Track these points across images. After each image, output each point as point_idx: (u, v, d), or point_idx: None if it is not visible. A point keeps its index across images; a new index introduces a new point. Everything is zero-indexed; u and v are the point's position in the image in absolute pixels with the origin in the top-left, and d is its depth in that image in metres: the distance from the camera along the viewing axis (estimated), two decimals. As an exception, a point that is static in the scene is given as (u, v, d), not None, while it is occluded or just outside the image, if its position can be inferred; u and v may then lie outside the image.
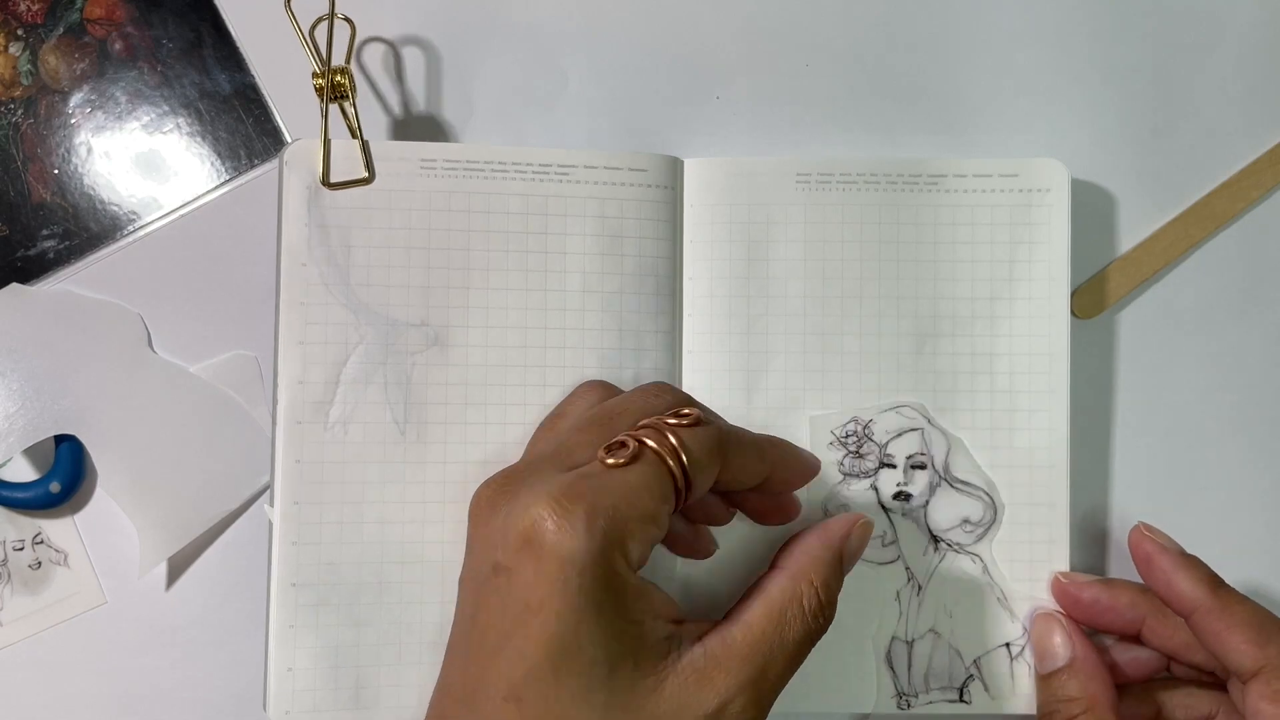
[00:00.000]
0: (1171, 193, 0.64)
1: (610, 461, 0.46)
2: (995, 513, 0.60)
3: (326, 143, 0.58)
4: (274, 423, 0.58)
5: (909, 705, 0.60)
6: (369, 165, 0.58)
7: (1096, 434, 0.63)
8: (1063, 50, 0.64)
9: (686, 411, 0.49)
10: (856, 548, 0.54)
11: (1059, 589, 0.60)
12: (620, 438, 0.48)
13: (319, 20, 0.58)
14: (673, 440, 0.47)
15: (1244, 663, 0.52)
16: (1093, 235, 0.64)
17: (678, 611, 0.48)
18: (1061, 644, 0.58)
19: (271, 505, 0.58)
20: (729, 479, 0.50)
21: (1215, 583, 0.55)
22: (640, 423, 0.49)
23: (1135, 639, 0.59)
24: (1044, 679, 0.59)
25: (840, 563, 0.53)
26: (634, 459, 0.46)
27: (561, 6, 0.64)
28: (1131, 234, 0.64)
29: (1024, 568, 0.60)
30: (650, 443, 0.47)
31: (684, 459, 0.47)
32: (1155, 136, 0.64)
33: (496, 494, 0.47)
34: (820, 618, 0.50)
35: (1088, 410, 0.63)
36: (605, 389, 0.57)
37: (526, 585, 0.44)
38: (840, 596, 0.54)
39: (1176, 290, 0.64)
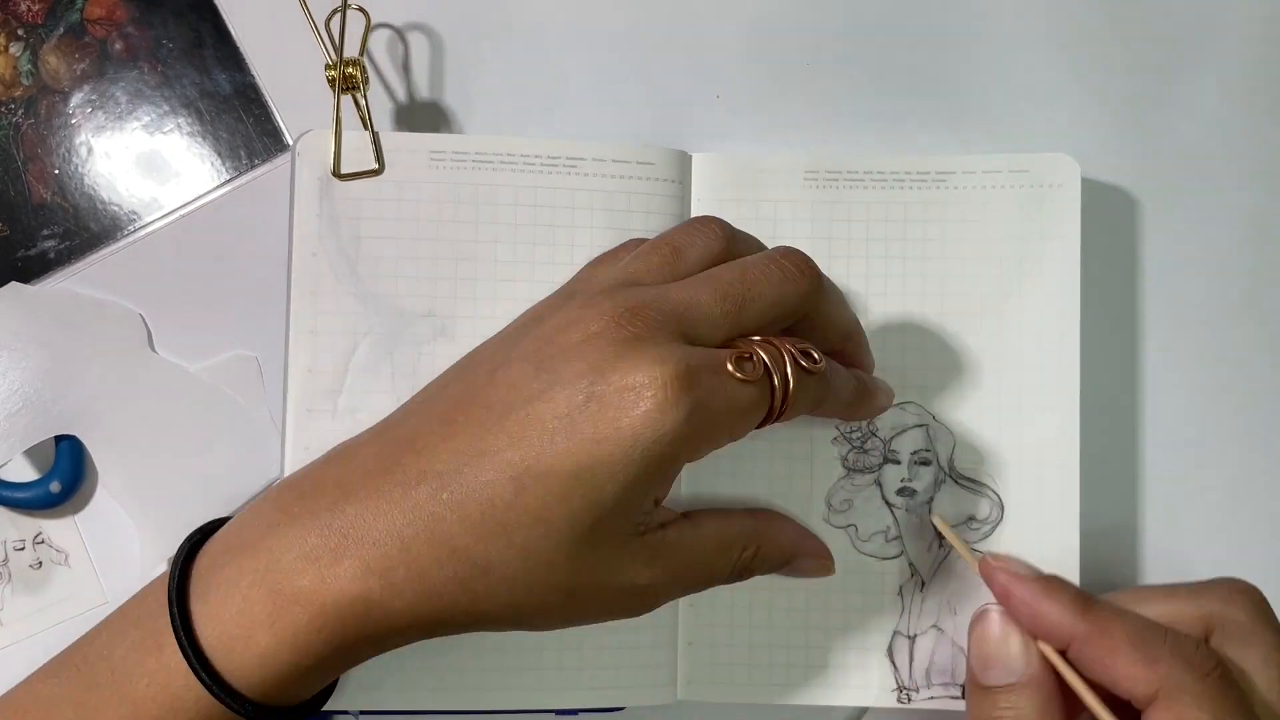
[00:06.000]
0: (1180, 188, 0.65)
1: (736, 376, 0.48)
2: (1002, 511, 0.61)
3: (338, 134, 0.59)
4: (284, 409, 0.59)
5: (909, 700, 0.61)
6: (379, 157, 0.60)
7: (1105, 432, 0.64)
8: (1068, 47, 0.65)
9: (817, 358, 0.51)
10: (802, 568, 0.59)
11: (990, 574, 0.55)
12: (750, 352, 0.50)
13: (334, 12, 0.59)
14: (792, 383, 0.50)
15: (1136, 689, 0.49)
16: (1102, 231, 0.64)
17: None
18: (1019, 655, 0.53)
19: None
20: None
21: (1085, 604, 0.52)
22: (772, 339, 0.51)
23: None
24: (986, 691, 0.54)
25: (781, 564, 0.58)
26: (754, 383, 0.49)
27: (562, 5, 0.65)
28: (1140, 231, 0.65)
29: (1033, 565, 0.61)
30: (774, 375, 0.50)
31: (789, 402, 0.51)
32: (1162, 132, 0.65)
33: (624, 323, 0.49)
34: (735, 578, 0.56)
35: (1097, 407, 0.63)
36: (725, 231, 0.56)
37: (602, 425, 0.47)
38: (842, 590, 0.61)
39: (1180, 290, 0.65)
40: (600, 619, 0.53)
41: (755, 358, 0.50)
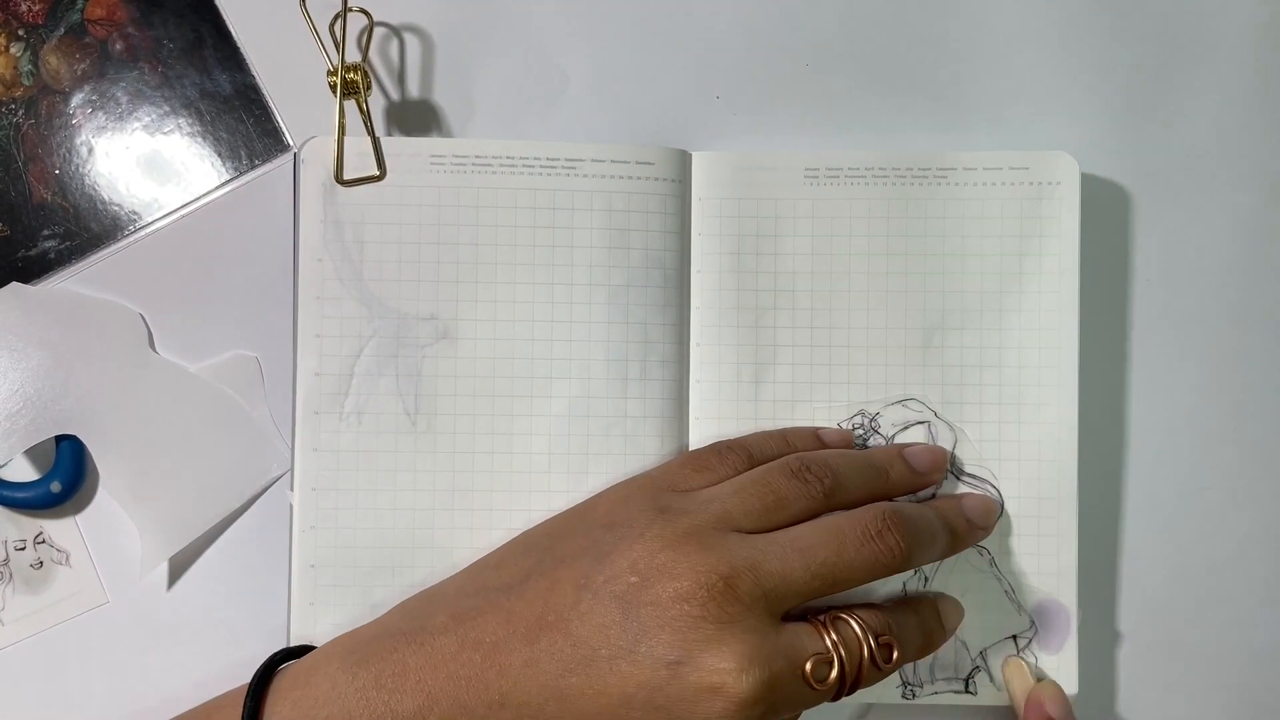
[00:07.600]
0: (1179, 186, 0.66)
1: (813, 684, 0.51)
2: (1002, 506, 0.62)
3: (341, 140, 0.60)
4: (293, 412, 0.61)
5: (914, 695, 0.62)
6: (380, 162, 0.61)
7: (1104, 428, 0.65)
8: (1067, 45, 0.66)
9: (894, 654, 0.54)
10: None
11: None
12: (831, 655, 0.52)
13: (336, 17, 0.60)
14: (862, 680, 0.53)
15: None
16: (1101, 228, 0.65)
17: None
18: None
19: (292, 490, 0.61)
20: None
21: None
22: (856, 620, 0.54)
23: None
24: None
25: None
26: (826, 690, 0.52)
27: (562, 5, 0.65)
28: (1139, 228, 0.66)
29: (1032, 560, 0.62)
30: (846, 672, 0.52)
31: (849, 693, 0.53)
32: (1162, 130, 0.66)
33: (717, 596, 0.51)
34: None
35: (1096, 405, 0.64)
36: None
37: (679, 709, 0.50)
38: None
39: (1178, 287, 0.66)
40: None
41: (834, 662, 0.52)
